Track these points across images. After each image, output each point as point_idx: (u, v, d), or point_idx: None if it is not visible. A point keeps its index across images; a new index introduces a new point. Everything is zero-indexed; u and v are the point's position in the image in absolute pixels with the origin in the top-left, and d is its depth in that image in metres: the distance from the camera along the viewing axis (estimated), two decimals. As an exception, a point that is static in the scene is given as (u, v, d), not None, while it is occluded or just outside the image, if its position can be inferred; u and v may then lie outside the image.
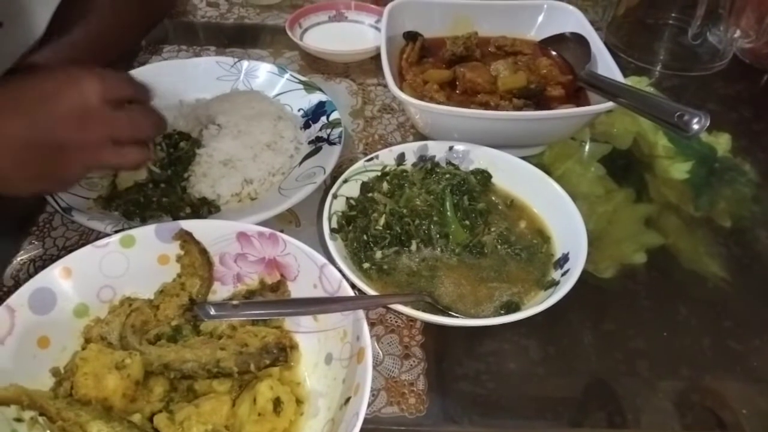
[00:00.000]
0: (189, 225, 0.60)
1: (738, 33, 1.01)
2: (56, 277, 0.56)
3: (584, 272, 0.60)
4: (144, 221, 0.69)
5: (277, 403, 0.51)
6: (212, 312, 0.48)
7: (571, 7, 0.92)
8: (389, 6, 0.90)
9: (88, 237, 0.71)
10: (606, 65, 0.81)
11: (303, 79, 0.88)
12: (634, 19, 1.09)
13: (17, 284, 0.61)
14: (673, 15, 1.09)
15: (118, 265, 0.59)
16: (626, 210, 0.80)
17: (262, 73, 0.89)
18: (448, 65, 0.87)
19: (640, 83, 0.98)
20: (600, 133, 0.90)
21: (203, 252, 0.60)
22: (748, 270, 0.73)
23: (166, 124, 0.66)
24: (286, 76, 0.88)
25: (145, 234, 0.60)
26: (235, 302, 0.54)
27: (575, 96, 0.84)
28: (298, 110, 0.85)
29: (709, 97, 1.00)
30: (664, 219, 0.79)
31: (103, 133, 0.58)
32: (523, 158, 0.73)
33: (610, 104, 0.72)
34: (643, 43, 1.06)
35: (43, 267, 0.56)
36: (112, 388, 0.51)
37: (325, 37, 1.04)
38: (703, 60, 1.04)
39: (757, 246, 0.77)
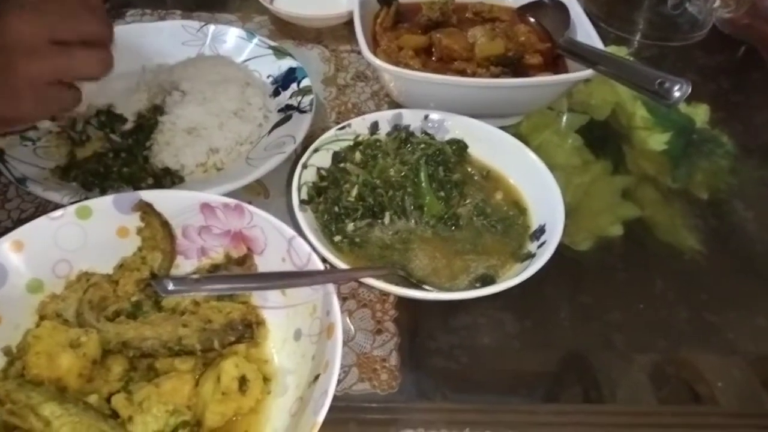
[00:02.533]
0: (149, 195, 0.57)
1: (717, 3, 1.00)
2: (6, 251, 0.53)
3: (560, 245, 0.59)
4: (104, 192, 0.66)
5: (242, 381, 0.49)
6: (171, 287, 0.45)
7: (550, -27, 0.89)
8: (363, -31, 0.86)
9: (45, 209, 0.67)
10: (585, 33, 0.79)
11: (272, 44, 0.84)
12: (614, -12, 1.07)
13: (-34, 259, 0.58)
14: (653, -16, 1.07)
15: (75, 238, 0.56)
16: (603, 181, 0.79)
17: (229, 38, 0.86)
18: (423, 31, 0.84)
19: (619, 53, 0.96)
20: (577, 103, 0.88)
21: (165, 224, 0.57)
22: (724, 243, 0.73)
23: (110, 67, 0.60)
24: (255, 41, 0.84)
25: (103, 205, 0.56)
26: (196, 276, 0.51)
27: (554, 64, 0.81)
28: (268, 77, 0.82)
29: (688, 68, 0.98)
30: (641, 191, 0.78)
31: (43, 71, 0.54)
32: (500, 128, 0.71)
33: (589, 72, 0.70)
34: (623, 13, 1.04)
35: (-5, 241, 0.53)
36: (66, 368, 0.48)
37: (297, 1, 0.99)
38: (682, 30, 1.02)
39: (734, 218, 0.76)
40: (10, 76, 0.53)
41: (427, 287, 0.58)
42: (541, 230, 0.62)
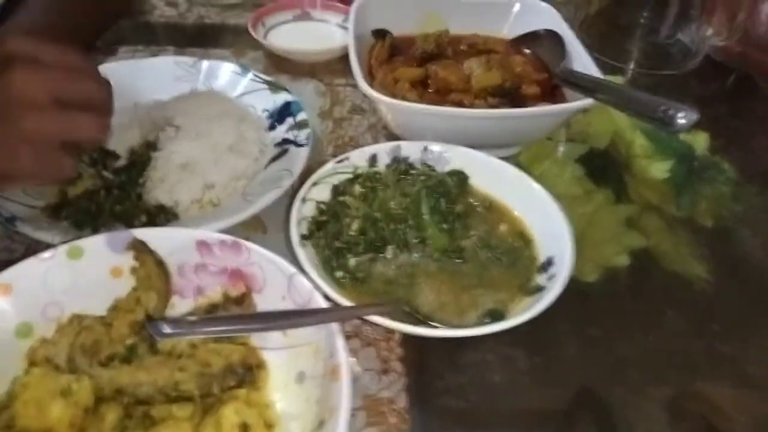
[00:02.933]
0: (143, 234, 0.55)
1: (710, 31, 1.00)
2: (-7, 294, 0.50)
3: (567, 277, 0.57)
4: (96, 231, 0.63)
5: (244, 428, 0.46)
6: (167, 330, 0.43)
7: (544, 4, 0.90)
8: (357, 2, 0.86)
9: (36, 249, 0.65)
10: (582, 62, 0.79)
11: (267, 78, 0.83)
12: (607, 19, 1.07)
13: (-49, 303, 0.55)
14: (644, 14, 1.07)
15: (66, 279, 0.53)
16: (606, 211, 0.78)
17: (223, 73, 0.84)
18: (419, 63, 0.84)
19: (615, 81, 0.96)
20: (576, 133, 0.87)
21: (159, 263, 0.55)
22: (732, 271, 0.71)
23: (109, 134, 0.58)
24: (249, 75, 0.83)
25: (95, 244, 0.54)
26: (193, 318, 0.49)
27: (551, 94, 0.81)
28: (263, 111, 0.80)
29: (684, 96, 0.96)
30: (645, 220, 0.77)
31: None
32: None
33: (589, 101, 0.70)
34: (616, 43, 1.04)
35: (-20, 284, 0.51)
36: (56, 418, 0.45)
37: (290, 36, 0.99)
38: (675, 59, 1.03)
39: (740, 246, 0.75)
40: (11, 130, 0.51)
41: (434, 323, 0.56)
42: (549, 262, 0.60)
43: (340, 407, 0.44)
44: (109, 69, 0.83)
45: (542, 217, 0.64)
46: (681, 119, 0.58)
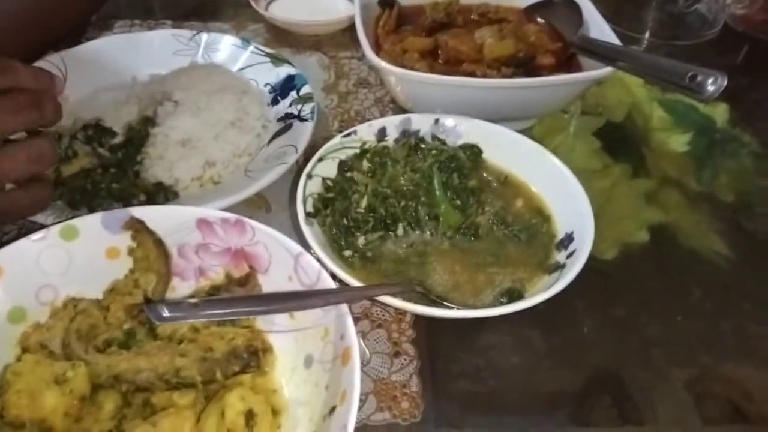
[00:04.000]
0: (141, 212, 0.52)
1: (729, -1, 0.96)
2: (-18, 278, 0.47)
3: (585, 254, 0.54)
4: (91, 211, 0.60)
5: (249, 416, 0.44)
6: (166, 313, 0.40)
7: (558, -30, 0.85)
8: (362, -29, 0.82)
9: (29, 231, 0.62)
10: (600, 30, 0.75)
11: (269, 51, 0.79)
12: (621, -12, 1.03)
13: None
14: (660, -17, 1.03)
15: (60, 261, 0.51)
16: (624, 185, 0.75)
17: (223, 47, 0.81)
18: (428, 33, 0.80)
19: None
20: (591, 106, 0.84)
21: (159, 243, 0.52)
22: (756, 247, 0.68)
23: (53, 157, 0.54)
24: (251, 48, 0.80)
25: (90, 224, 0.51)
26: (194, 300, 0.46)
27: (566, 64, 0.77)
28: (265, 85, 0.77)
29: (703, 66, 0.94)
30: (665, 194, 0.74)
31: None
32: (513, 132, 0.67)
33: (609, 69, 0.66)
34: (631, 12, 1.00)
35: (-31, 267, 0.48)
36: (50, 407, 0.43)
37: (293, 8, 0.95)
38: (693, 28, 0.99)
39: (765, 222, 0.71)
40: None
41: (448, 304, 0.53)
42: (569, 238, 0.57)
43: (352, 392, 0.41)
44: (105, 42, 0.81)
45: (561, 192, 0.61)
46: (711, 85, 0.55)
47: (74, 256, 0.51)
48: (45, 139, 0.52)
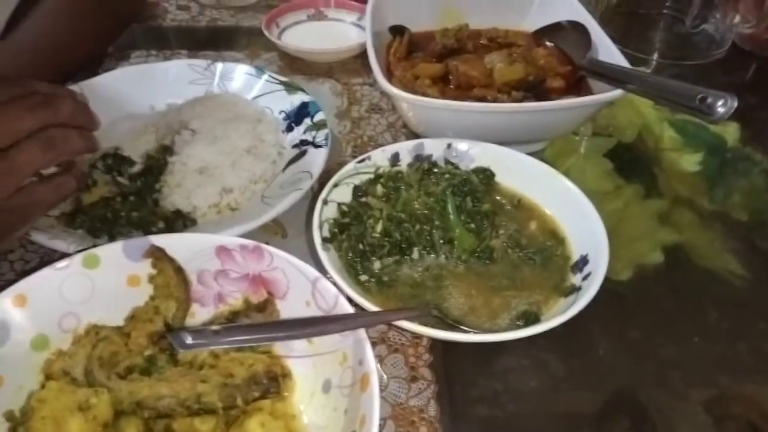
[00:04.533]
0: (161, 240, 0.53)
1: (737, 19, 0.97)
2: (8, 306, 0.48)
3: (600, 275, 0.54)
4: (112, 239, 0.62)
5: (269, 441, 0.44)
6: (189, 340, 0.41)
7: (565, -5, 0.87)
8: (373, -1, 0.84)
9: (50, 259, 0.63)
10: (608, 53, 0.76)
11: (283, 79, 0.81)
12: (628, 10, 1.05)
13: (-34, 316, 0.53)
14: (667, 5, 1.04)
15: (82, 289, 0.52)
16: (637, 206, 0.75)
17: (238, 75, 0.83)
18: (438, 59, 0.81)
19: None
20: (601, 127, 0.85)
21: (178, 270, 0.53)
22: (771, 266, 0.68)
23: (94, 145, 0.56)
24: (265, 77, 0.81)
25: (112, 252, 0.52)
26: (215, 327, 0.46)
27: (576, 87, 0.78)
28: (280, 113, 0.78)
29: (711, 86, 0.94)
30: (678, 214, 0.74)
31: None
32: (525, 155, 0.67)
33: (619, 92, 0.67)
34: (638, 33, 1.01)
35: (-4, 296, 0.49)
36: (75, 434, 0.43)
37: (305, 36, 0.98)
38: (700, 48, 0.99)
39: (779, 240, 0.71)
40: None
41: (464, 328, 0.53)
42: (583, 261, 0.57)
43: (371, 418, 0.41)
44: (122, 73, 0.82)
45: (574, 214, 0.61)
46: (721, 107, 0.55)
47: (96, 284, 0.52)
48: (65, 130, 0.53)
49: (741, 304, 0.63)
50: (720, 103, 0.56)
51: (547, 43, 0.85)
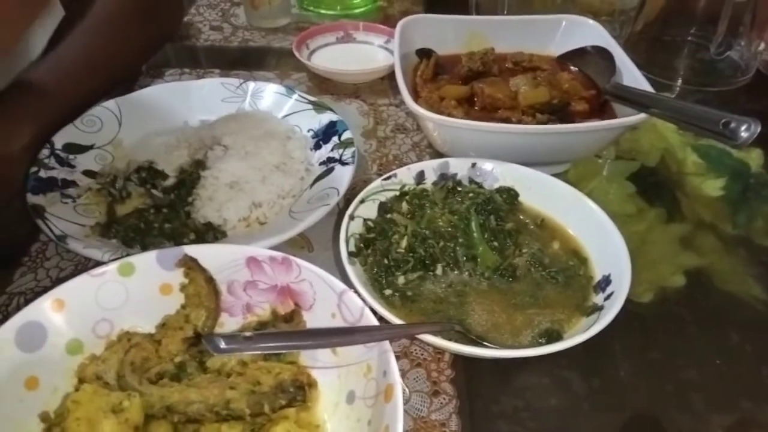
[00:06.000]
0: (194, 250, 0.55)
1: (762, 46, 0.98)
2: (47, 309, 0.50)
3: (622, 297, 0.55)
4: (144, 249, 0.64)
5: (294, 449, 0.45)
6: (222, 345, 0.42)
7: (591, 21, 0.88)
8: (402, 22, 0.86)
9: (84, 267, 0.66)
10: (633, 78, 0.77)
11: (312, 99, 0.83)
12: (652, 36, 1.05)
13: (5, 319, 0.55)
14: (691, 32, 1.05)
15: (116, 296, 0.53)
16: (659, 230, 0.75)
17: (269, 94, 0.85)
18: (464, 82, 0.83)
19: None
20: (625, 151, 0.85)
21: (209, 280, 0.54)
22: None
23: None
24: (295, 96, 0.84)
25: (146, 261, 0.54)
26: (247, 334, 0.48)
27: (600, 111, 0.79)
28: (308, 131, 0.80)
29: (735, 113, 0.95)
30: (700, 239, 0.74)
31: None
32: (548, 177, 0.68)
33: (642, 116, 0.68)
34: (662, 60, 1.02)
35: (34, 300, 0.51)
36: (108, 435, 0.45)
37: (334, 58, 1.00)
38: (725, 75, 1.00)
39: (803, 266, 0.71)
40: None
41: (487, 344, 0.54)
42: (606, 281, 0.58)
43: (395, 428, 0.42)
44: (157, 90, 0.85)
45: (597, 235, 0.62)
46: (744, 132, 0.56)
47: (130, 292, 0.54)
48: None
49: (764, 329, 0.63)
50: (743, 127, 0.56)
51: (572, 67, 0.86)
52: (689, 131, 0.68)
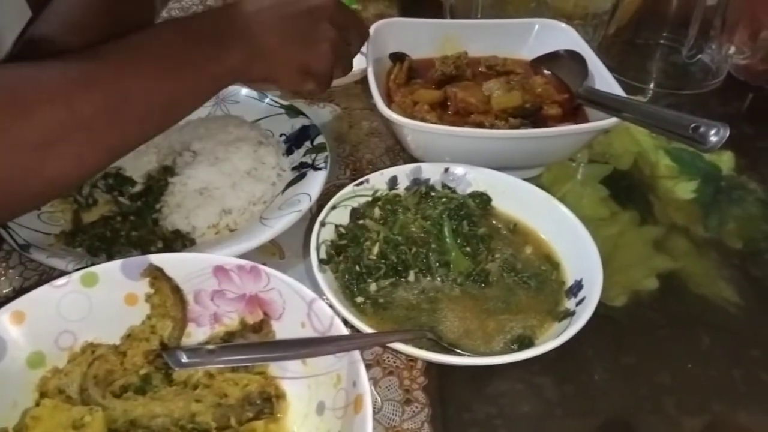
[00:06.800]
0: (160, 259, 0.53)
1: (732, 50, 0.99)
2: (5, 323, 0.49)
3: (595, 301, 0.55)
4: (110, 258, 0.62)
5: (262, 463, 0.44)
6: (184, 359, 0.41)
7: (564, 25, 0.88)
8: (375, 26, 0.85)
9: (49, 276, 0.64)
10: (605, 82, 0.77)
11: (285, 103, 0.82)
12: (625, 39, 1.06)
13: (-37, 333, 0.54)
14: (664, 35, 1.06)
15: (80, 307, 0.52)
16: (632, 233, 0.75)
17: (240, 98, 0.84)
18: (437, 86, 0.83)
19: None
20: (598, 154, 0.86)
21: (176, 290, 0.53)
22: (765, 294, 0.68)
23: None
24: (267, 100, 0.83)
25: (110, 271, 0.53)
26: (210, 347, 0.47)
27: (573, 115, 0.79)
28: (280, 135, 0.79)
29: (707, 116, 0.94)
30: (673, 241, 0.74)
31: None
32: (521, 181, 0.68)
33: (614, 120, 0.68)
34: (635, 63, 1.03)
35: (-6, 313, 0.49)
36: (68, 452, 0.43)
37: (307, 61, 0.99)
38: (697, 78, 1.01)
39: (773, 268, 0.72)
40: (317, 31, 0.64)
41: (459, 351, 0.54)
42: (578, 286, 0.58)
43: (364, 440, 0.41)
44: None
45: (569, 240, 0.62)
46: (713, 136, 0.56)
47: (94, 303, 0.52)
48: None
49: (735, 332, 0.64)
50: (713, 132, 0.57)
51: (545, 71, 0.86)
52: (660, 135, 0.68)
